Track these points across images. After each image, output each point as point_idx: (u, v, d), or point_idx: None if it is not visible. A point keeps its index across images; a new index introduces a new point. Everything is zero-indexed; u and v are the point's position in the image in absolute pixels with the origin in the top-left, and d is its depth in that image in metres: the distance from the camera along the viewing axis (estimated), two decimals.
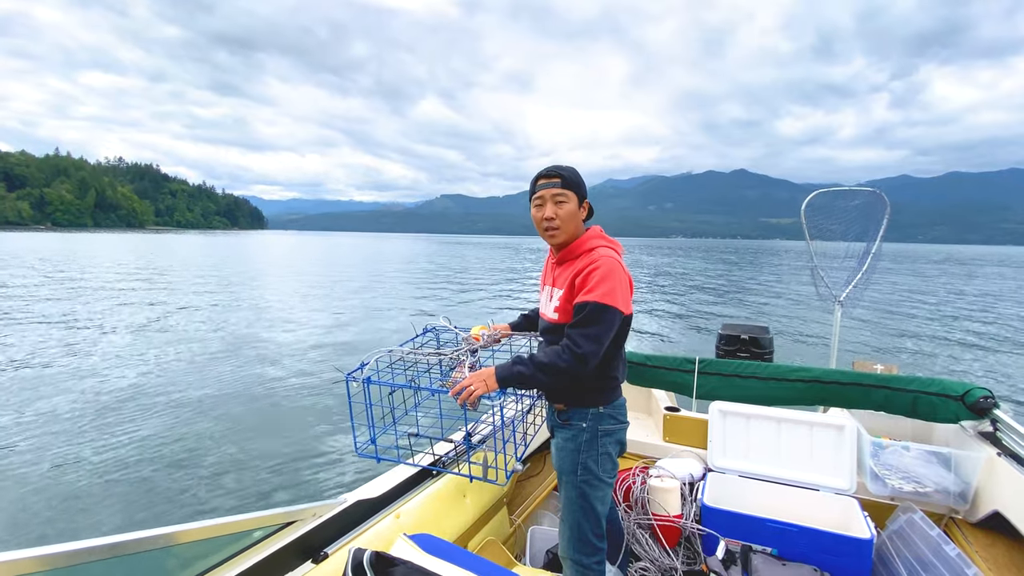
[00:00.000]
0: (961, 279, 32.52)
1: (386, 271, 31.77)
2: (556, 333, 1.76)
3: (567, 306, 1.71)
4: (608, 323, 1.60)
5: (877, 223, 3.55)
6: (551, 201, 1.72)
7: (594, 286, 1.61)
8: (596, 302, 1.58)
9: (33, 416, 6.15)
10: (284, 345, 10.35)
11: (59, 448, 5.25)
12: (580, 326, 1.60)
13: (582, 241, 1.76)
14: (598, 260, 1.65)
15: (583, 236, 1.78)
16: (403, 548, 1.32)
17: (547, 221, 1.73)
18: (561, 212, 1.72)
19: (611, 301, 1.59)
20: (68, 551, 0.95)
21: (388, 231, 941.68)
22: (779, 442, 2.50)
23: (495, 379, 1.61)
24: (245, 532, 1.36)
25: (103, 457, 5.07)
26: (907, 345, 11.66)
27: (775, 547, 2.13)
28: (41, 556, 0.92)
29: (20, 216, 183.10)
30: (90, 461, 4.98)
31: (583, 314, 1.60)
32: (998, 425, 2.15)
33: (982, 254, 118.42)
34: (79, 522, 4.03)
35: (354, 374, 1.73)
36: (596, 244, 1.74)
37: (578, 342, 1.58)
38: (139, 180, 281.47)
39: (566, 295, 1.71)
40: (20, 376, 7.73)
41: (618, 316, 1.63)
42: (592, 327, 1.59)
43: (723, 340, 3.88)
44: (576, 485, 1.76)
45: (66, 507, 4.21)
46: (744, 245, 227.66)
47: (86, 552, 0.98)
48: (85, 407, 6.48)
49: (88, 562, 0.98)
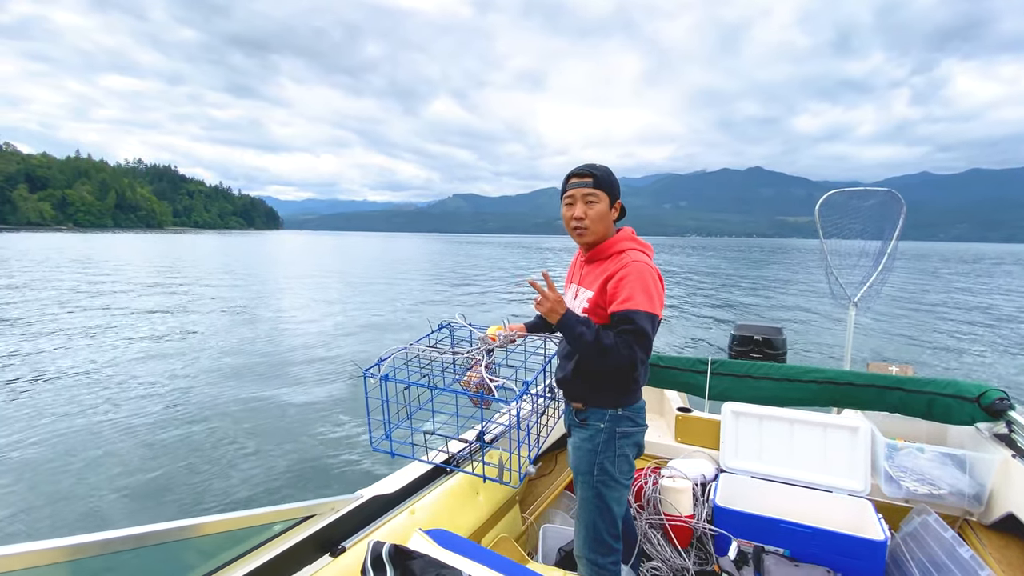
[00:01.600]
0: (979, 279, 31.84)
1: (401, 270, 32.04)
2: None
3: (597, 308, 1.70)
4: (652, 331, 1.60)
5: (893, 223, 3.51)
6: (581, 200, 1.70)
7: (631, 294, 1.59)
8: (640, 311, 1.57)
9: (62, 410, 6.33)
10: (303, 341, 10.53)
11: (83, 442, 5.39)
12: (630, 334, 1.58)
13: (612, 242, 1.74)
14: (630, 264, 1.63)
15: (614, 237, 1.76)
16: (419, 543, 1.34)
17: (576, 220, 1.72)
18: (591, 212, 1.70)
19: (649, 307, 1.59)
20: (98, 540, 0.99)
21: (400, 231, 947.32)
22: (792, 443, 2.49)
23: (559, 315, 1.62)
24: (265, 525, 1.38)
25: (127, 449, 5.22)
26: (923, 347, 11.47)
27: (788, 548, 2.12)
28: (71, 546, 0.95)
29: (43, 217, 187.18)
30: (115, 455, 5.12)
31: (634, 323, 1.57)
32: (1014, 427, 2.13)
33: (1003, 253, 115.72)
34: (104, 514, 4.16)
35: (371, 370, 1.76)
36: (627, 247, 1.72)
37: (633, 348, 1.56)
38: (158, 181, 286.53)
39: (596, 296, 1.70)
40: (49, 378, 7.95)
41: (656, 321, 1.62)
42: (634, 336, 1.57)
43: (736, 341, 3.86)
44: (592, 485, 1.75)
45: (91, 499, 4.35)
46: (759, 244, 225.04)
47: (117, 542, 1.02)
48: (108, 403, 6.65)
49: (116, 551, 1.02)
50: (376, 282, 23.67)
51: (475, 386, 1.81)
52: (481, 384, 1.80)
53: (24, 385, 7.32)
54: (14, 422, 5.89)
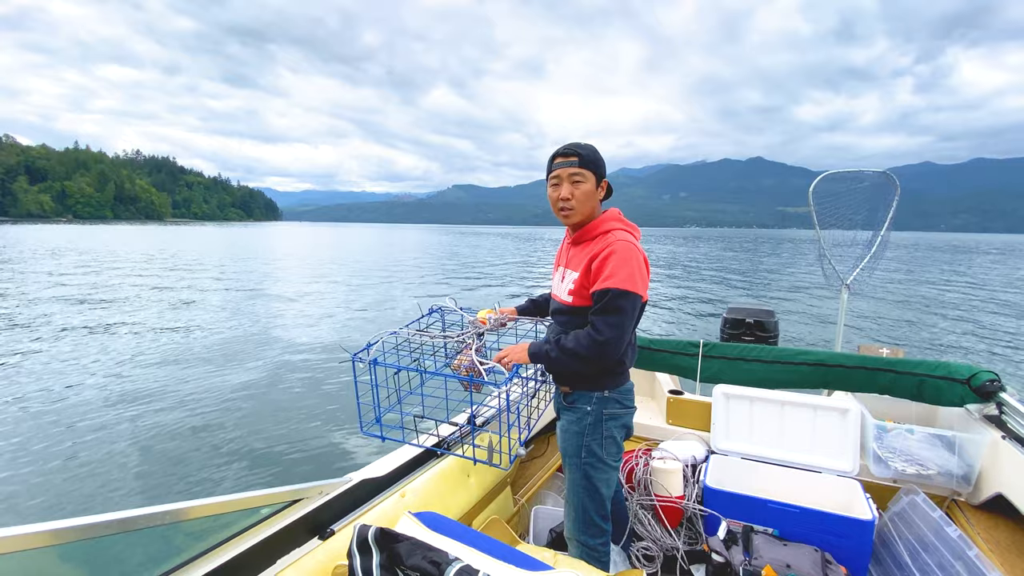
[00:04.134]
0: (975, 267, 31.78)
1: (398, 259, 32.01)
2: (568, 315, 1.75)
3: (582, 290, 1.68)
4: (630, 310, 1.58)
5: (886, 206, 3.50)
6: (567, 181, 1.68)
7: (612, 271, 1.57)
8: (617, 288, 1.55)
9: (55, 394, 6.36)
10: (294, 327, 10.58)
11: (74, 426, 5.42)
12: (602, 313, 1.57)
13: (599, 223, 1.72)
14: (614, 244, 1.61)
15: (600, 217, 1.74)
16: (407, 525, 1.34)
17: (563, 201, 1.69)
18: (577, 192, 1.68)
19: (631, 287, 1.56)
20: (80, 525, 0.97)
21: (400, 222, 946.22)
22: (782, 425, 2.50)
23: (528, 354, 1.69)
24: (253, 509, 1.38)
25: (118, 434, 5.24)
26: (916, 330, 11.52)
27: (777, 528, 2.14)
28: (53, 530, 0.93)
29: (43, 209, 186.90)
30: (105, 438, 5.14)
31: (604, 301, 1.57)
32: (1004, 408, 2.13)
33: (1007, 243, 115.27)
34: (96, 497, 4.17)
35: (360, 354, 1.75)
36: (612, 227, 1.70)
37: (600, 329, 1.56)
38: (156, 173, 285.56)
39: (581, 278, 1.68)
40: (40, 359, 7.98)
41: (638, 301, 1.60)
42: (613, 315, 1.56)
43: (728, 324, 3.86)
44: (580, 467, 1.76)
45: (79, 482, 4.36)
46: (760, 234, 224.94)
47: (100, 526, 0.99)
48: (97, 388, 6.68)
49: (100, 536, 1.00)
50: (370, 273, 23.61)
51: (465, 369, 1.81)
52: (471, 367, 1.80)
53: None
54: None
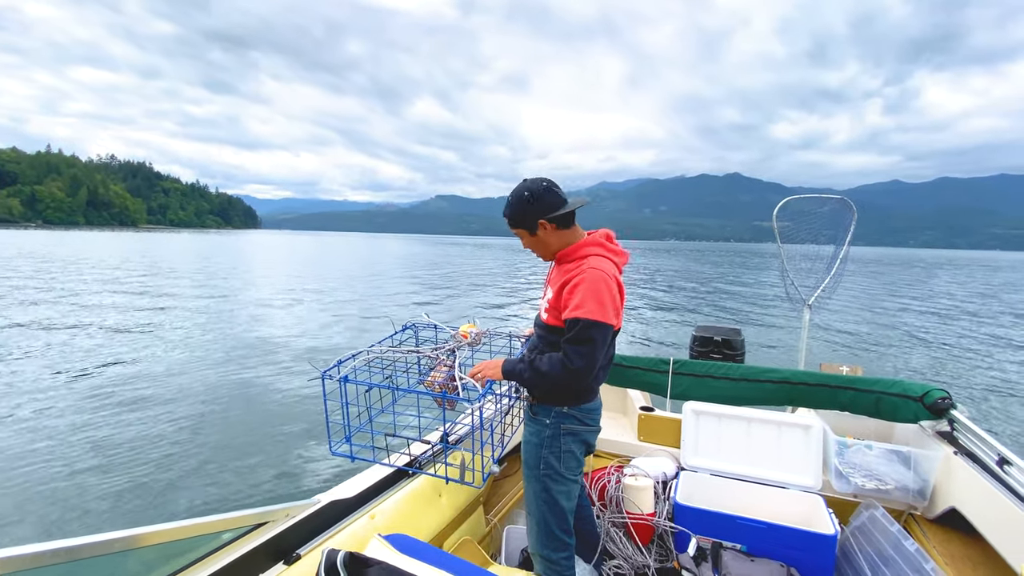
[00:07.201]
0: (931, 284, 32.80)
1: (376, 270, 31.71)
2: (544, 331, 1.81)
3: (554, 310, 1.74)
4: (600, 339, 1.61)
5: (845, 229, 3.65)
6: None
7: (581, 302, 1.61)
8: (587, 319, 1.58)
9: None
10: (262, 343, 10.25)
11: (22, 448, 5.09)
12: (573, 343, 1.61)
13: (576, 248, 1.78)
14: (585, 272, 1.65)
15: (580, 242, 1.79)
16: (377, 548, 1.32)
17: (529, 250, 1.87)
18: (526, 245, 1.83)
19: (600, 316, 1.59)
20: (19, 555, 0.86)
21: (381, 231, 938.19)
22: (749, 441, 2.56)
23: (501, 371, 1.73)
24: (214, 534, 1.33)
25: (70, 456, 4.92)
26: (874, 347, 11.81)
27: (744, 544, 2.18)
28: None
29: (11, 213, 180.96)
30: (57, 461, 4.82)
31: (576, 331, 1.60)
32: (955, 425, 2.22)
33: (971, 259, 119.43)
34: (37, 525, 3.86)
35: (330, 372, 1.73)
36: (590, 252, 1.74)
37: (572, 358, 1.60)
38: (132, 178, 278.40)
39: (554, 299, 1.75)
40: None
41: (609, 331, 1.64)
42: (584, 345, 1.60)
43: (697, 341, 3.93)
44: (539, 479, 1.80)
45: (27, 508, 4.06)
46: (736, 248, 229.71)
47: (45, 555, 0.89)
48: (54, 405, 6.36)
49: (42, 567, 0.89)
50: (346, 285, 23.10)
51: (439, 386, 1.81)
52: (445, 384, 1.81)
53: None
54: None
